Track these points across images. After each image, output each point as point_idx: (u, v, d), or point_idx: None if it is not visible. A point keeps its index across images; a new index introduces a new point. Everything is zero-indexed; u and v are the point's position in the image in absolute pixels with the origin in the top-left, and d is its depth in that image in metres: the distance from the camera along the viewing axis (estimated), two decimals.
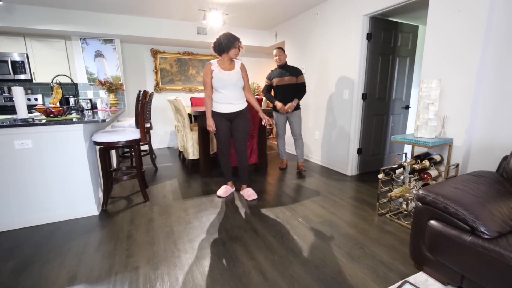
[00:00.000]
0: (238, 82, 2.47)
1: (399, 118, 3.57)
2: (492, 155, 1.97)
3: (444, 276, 1.39)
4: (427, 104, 2.06)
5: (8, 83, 4.08)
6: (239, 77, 2.48)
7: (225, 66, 2.47)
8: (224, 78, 2.43)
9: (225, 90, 2.46)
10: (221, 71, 2.45)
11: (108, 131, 2.44)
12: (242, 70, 2.52)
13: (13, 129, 1.95)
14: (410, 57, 3.43)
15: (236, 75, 2.47)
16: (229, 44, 2.38)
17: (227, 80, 2.43)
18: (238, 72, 2.49)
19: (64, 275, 1.56)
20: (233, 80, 2.45)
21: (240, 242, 1.89)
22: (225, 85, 2.44)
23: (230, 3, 3.61)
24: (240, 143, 2.61)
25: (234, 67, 2.50)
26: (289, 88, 3.28)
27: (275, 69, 3.41)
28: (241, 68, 2.52)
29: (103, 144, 2.33)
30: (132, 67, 4.83)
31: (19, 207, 2.09)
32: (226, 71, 2.45)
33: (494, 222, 1.19)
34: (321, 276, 1.54)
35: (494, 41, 1.91)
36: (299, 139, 3.50)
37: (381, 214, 2.31)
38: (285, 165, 3.74)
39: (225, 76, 2.44)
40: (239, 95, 2.53)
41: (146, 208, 2.45)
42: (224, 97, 2.48)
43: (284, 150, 3.71)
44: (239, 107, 2.54)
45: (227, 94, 2.47)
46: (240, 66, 2.53)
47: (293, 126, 3.44)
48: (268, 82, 3.44)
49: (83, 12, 3.80)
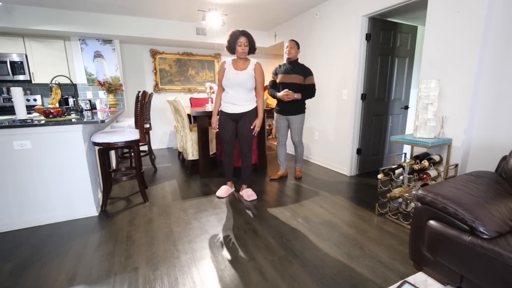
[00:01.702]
0: (245, 83, 2.40)
1: (398, 119, 3.58)
2: (491, 155, 1.97)
3: (443, 276, 1.39)
4: (426, 105, 2.07)
5: (7, 84, 4.07)
6: (248, 78, 2.41)
7: (238, 65, 2.43)
8: (231, 78, 2.40)
9: (231, 89, 2.44)
10: (231, 70, 2.42)
11: (107, 132, 2.43)
12: (255, 71, 2.44)
13: (12, 129, 1.95)
14: (409, 57, 3.44)
15: (244, 75, 2.40)
16: (232, 44, 2.36)
17: (233, 80, 2.40)
18: (248, 72, 2.42)
19: (63, 276, 1.56)
20: (239, 81, 2.39)
21: (239, 242, 1.89)
22: (231, 85, 2.41)
23: (229, 4, 3.62)
24: (244, 144, 2.57)
25: (246, 67, 2.43)
26: (294, 89, 2.93)
27: (283, 64, 3.07)
28: (254, 69, 2.44)
29: (102, 144, 2.33)
30: (131, 67, 4.83)
31: (18, 208, 2.08)
32: (236, 71, 2.41)
33: (493, 222, 1.19)
34: (320, 276, 1.54)
35: (493, 42, 1.92)
36: (298, 146, 3.19)
37: (381, 214, 2.31)
38: (278, 176, 3.25)
39: (233, 76, 2.40)
40: (245, 96, 2.45)
41: (145, 209, 2.45)
42: (229, 97, 2.46)
43: (284, 159, 3.26)
44: (243, 108, 2.47)
45: (232, 94, 2.44)
46: (254, 66, 2.45)
47: (292, 131, 3.12)
48: (273, 77, 3.13)
49: (82, 12, 3.80)
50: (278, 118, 3.16)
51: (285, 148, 3.26)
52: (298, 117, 3.04)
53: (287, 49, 2.95)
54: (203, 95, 5.43)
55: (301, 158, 3.29)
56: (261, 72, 2.46)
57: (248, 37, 2.40)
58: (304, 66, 2.99)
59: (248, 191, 2.71)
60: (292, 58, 2.97)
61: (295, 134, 3.12)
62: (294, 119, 3.04)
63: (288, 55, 2.96)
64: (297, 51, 2.97)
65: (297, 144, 3.18)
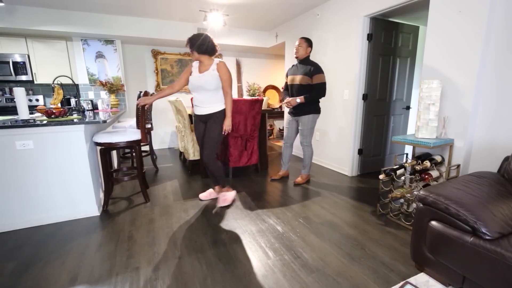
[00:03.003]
0: (206, 85, 2.28)
1: (399, 119, 3.57)
2: (493, 155, 1.96)
3: (445, 277, 1.39)
4: (427, 105, 2.06)
5: (9, 84, 4.09)
6: (210, 79, 2.28)
7: (201, 68, 2.36)
8: (193, 81, 2.34)
9: (195, 92, 2.38)
10: (195, 73, 2.36)
11: (109, 132, 2.44)
12: (219, 71, 2.30)
13: (14, 129, 1.96)
14: (410, 57, 3.43)
15: (205, 77, 2.29)
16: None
17: (195, 83, 2.33)
18: (210, 73, 2.29)
19: (65, 275, 1.56)
20: (200, 83, 2.30)
21: (240, 243, 1.89)
22: (194, 88, 2.36)
23: (230, 4, 3.62)
24: (206, 146, 2.39)
25: (209, 68, 2.32)
26: (301, 91, 2.80)
27: (295, 64, 2.95)
28: (217, 69, 2.31)
29: (104, 144, 2.34)
30: (133, 68, 4.84)
31: (20, 208, 2.09)
32: (199, 74, 2.33)
33: (495, 223, 1.19)
34: (321, 276, 1.53)
35: (495, 42, 1.91)
36: (305, 148, 3.02)
37: (382, 214, 2.30)
38: (279, 177, 3.23)
39: (195, 79, 2.34)
40: (211, 98, 2.34)
41: (146, 209, 2.46)
42: (195, 100, 2.41)
43: (287, 161, 3.22)
44: (210, 109, 2.37)
45: (197, 97, 2.38)
46: (216, 66, 2.31)
47: (300, 132, 2.99)
48: (286, 79, 3.03)
49: (84, 13, 3.82)
50: (288, 119, 3.12)
51: (289, 150, 3.19)
52: (306, 117, 2.88)
53: (295, 47, 2.82)
54: None
55: (307, 164, 3.07)
56: (225, 70, 2.31)
57: (188, 42, 2.30)
58: (313, 64, 2.79)
59: (225, 195, 2.55)
60: (300, 57, 2.81)
61: (302, 135, 2.97)
62: (302, 119, 2.92)
63: (296, 54, 2.83)
64: (307, 49, 2.79)
65: (303, 146, 3.02)
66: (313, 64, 2.78)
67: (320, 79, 2.75)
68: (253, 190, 2.91)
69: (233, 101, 3.04)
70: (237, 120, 3.14)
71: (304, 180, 3.11)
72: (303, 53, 2.79)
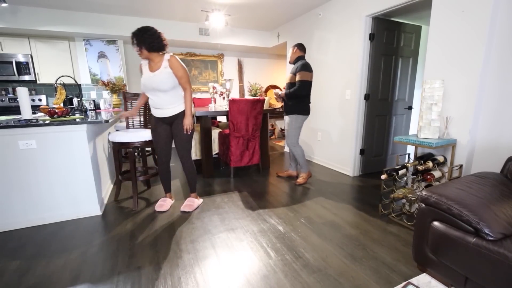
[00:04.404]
0: (161, 85, 2.04)
1: (402, 119, 3.55)
2: (496, 156, 1.95)
3: (447, 278, 1.38)
4: (430, 105, 2.05)
5: (12, 84, 4.12)
6: (164, 78, 2.05)
7: (152, 66, 2.09)
8: (145, 82, 2.09)
9: (150, 94, 2.13)
10: (146, 73, 2.11)
11: (125, 131, 2.47)
12: (171, 67, 2.05)
13: (17, 129, 1.97)
14: (413, 57, 3.42)
15: (157, 77, 2.05)
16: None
17: (148, 84, 2.09)
18: (162, 72, 2.05)
19: (67, 274, 1.57)
20: (153, 84, 2.06)
21: (242, 243, 1.89)
22: (147, 89, 2.12)
23: (232, 4, 3.62)
24: (181, 148, 2.29)
25: (160, 66, 2.06)
26: (289, 89, 2.92)
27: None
28: (170, 65, 2.05)
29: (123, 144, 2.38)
30: (135, 68, 4.86)
31: (22, 207, 2.10)
32: (150, 73, 2.09)
33: (498, 224, 1.18)
34: (323, 277, 1.53)
35: (498, 41, 1.90)
36: (291, 149, 3.03)
37: (384, 215, 2.30)
38: (285, 175, 3.32)
39: (147, 79, 2.09)
40: (170, 98, 2.12)
41: (148, 209, 2.46)
42: (152, 102, 2.16)
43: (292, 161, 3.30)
44: (172, 111, 2.18)
45: (154, 99, 2.14)
46: (168, 63, 2.05)
47: (285, 132, 3.03)
48: None
49: (87, 13, 3.83)
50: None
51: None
52: (290, 117, 2.96)
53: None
54: (206, 95, 5.45)
55: (301, 162, 3.04)
56: (179, 65, 2.07)
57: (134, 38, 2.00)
58: (300, 63, 2.83)
59: (189, 200, 2.44)
60: (290, 61, 3.02)
61: (286, 135, 3.06)
62: (286, 119, 3.04)
63: (288, 60, 3.09)
64: (295, 52, 2.92)
65: (289, 147, 3.03)
66: (300, 63, 2.84)
67: (302, 77, 2.77)
68: (254, 190, 2.91)
69: (235, 101, 3.05)
70: (239, 120, 3.14)
71: (305, 180, 3.10)
72: (292, 56, 2.97)
